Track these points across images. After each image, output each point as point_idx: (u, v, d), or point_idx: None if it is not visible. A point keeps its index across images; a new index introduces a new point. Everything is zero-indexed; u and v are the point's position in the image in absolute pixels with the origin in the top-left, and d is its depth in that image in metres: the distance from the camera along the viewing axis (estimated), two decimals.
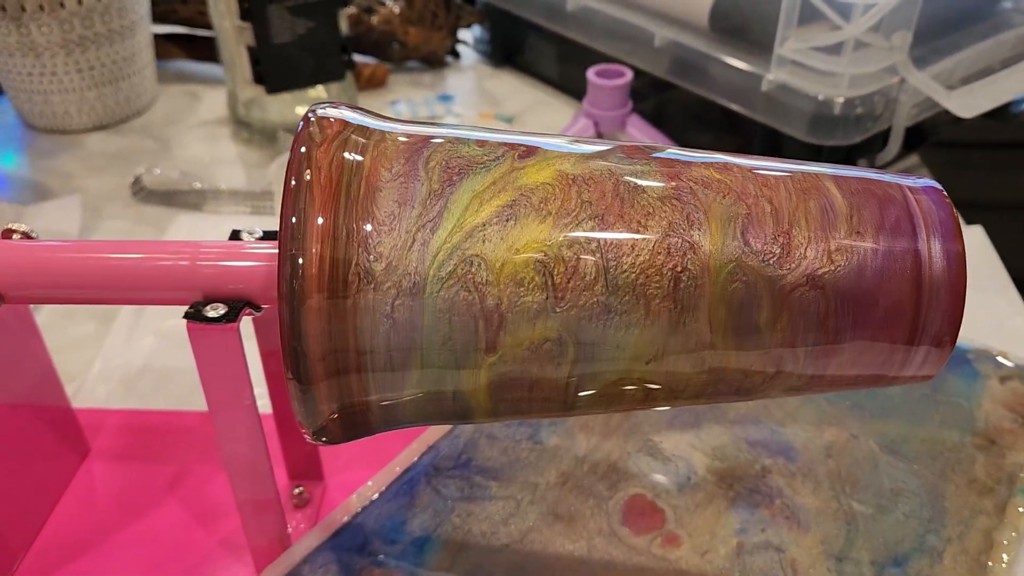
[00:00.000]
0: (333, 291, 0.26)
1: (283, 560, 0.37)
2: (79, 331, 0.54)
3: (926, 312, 0.27)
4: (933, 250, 0.27)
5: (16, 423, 0.40)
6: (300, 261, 0.26)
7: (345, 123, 0.28)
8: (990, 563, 0.38)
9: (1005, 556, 0.38)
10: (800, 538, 0.39)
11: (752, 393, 0.29)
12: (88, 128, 0.75)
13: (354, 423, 0.29)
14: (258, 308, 0.32)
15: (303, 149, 0.27)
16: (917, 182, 0.29)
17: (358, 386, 0.27)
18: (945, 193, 0.28)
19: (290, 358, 0.26)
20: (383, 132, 0.29)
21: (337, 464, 0.44)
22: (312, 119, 0.28)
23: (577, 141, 0.30)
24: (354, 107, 0.30)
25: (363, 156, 0.27)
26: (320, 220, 0.26)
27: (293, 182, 0.26)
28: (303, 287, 0.26)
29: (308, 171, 0.26)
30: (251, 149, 0.73)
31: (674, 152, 0.29)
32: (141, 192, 0.66)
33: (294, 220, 0.26)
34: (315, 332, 0.26)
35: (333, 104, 0.29)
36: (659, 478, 0.42)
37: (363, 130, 0.28)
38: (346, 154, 0.27)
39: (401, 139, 0.28)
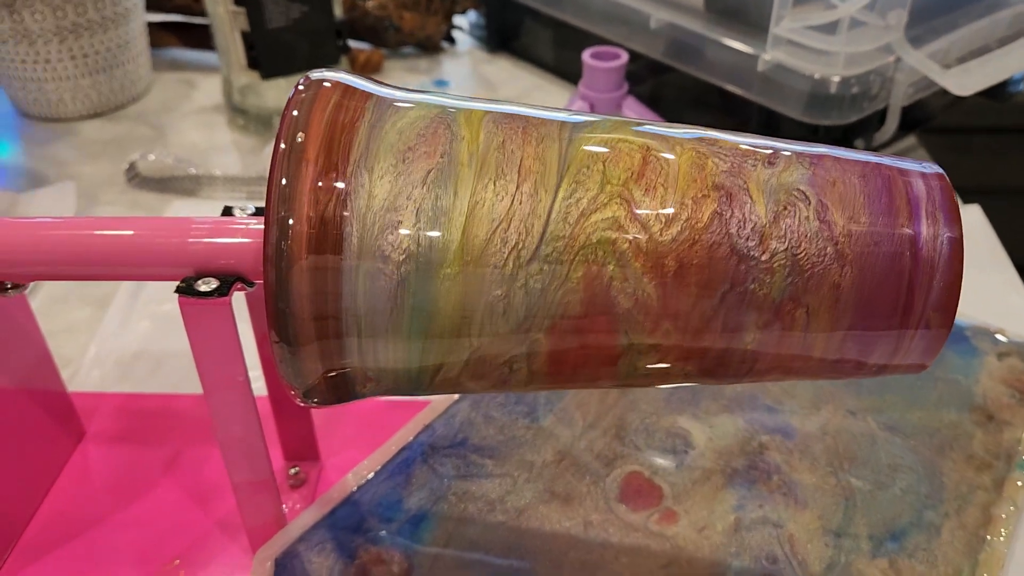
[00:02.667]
0: (323, 252, 0.25)
1: (279, 539, 0.37)
2: (74, 315, 0.54)
3: (921, 299, 0.27)
4: (930, 235, 0.27)
5: (10, 407, 0.39)
6: (290, 222, 0.25)
7: (341, 87, 0.28)
8: (988, 537, 0.38)
9: (1003, 530, 0.38)
10: (798, 514, 0.39)
11: (734, 378, 0.29)
12: (83, 116, 0.75)
13: (344, 385, 0.28)
14: (250, 283, 0.32)
15: (295, 112, 0.27)
16: (918, 166, 0.28)
17: (348, 348, 0.27)
18: (947, 178, 0.28)
19: (278, 321, 0.26)
20: (380, 97, 0.28)
21: (333, 444, 0.44)
22: (304, 84, 0.28)
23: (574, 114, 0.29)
24: (351, 73, 0.29)
25: (358, 120, 0.27)
26: (311, 182, 0.26)
27: (283, 145, 0.26)
28: (291, 248, 0.25)
29: (301, 133, 0.26)
30: (246, 135, 0.72)
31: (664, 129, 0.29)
32: (136, 179, 0.66)
33: (284, 182, 0.26)
34: (303, 293, 0.26)
35: (330, 69, 0.29)
36: (656, 455, 0.42)
37: (359, 94, 0.28)
38: (340, 117, 0.27)
39: (400, 104, 0.28)
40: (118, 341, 0.52)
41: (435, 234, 0.26)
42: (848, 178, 0.27)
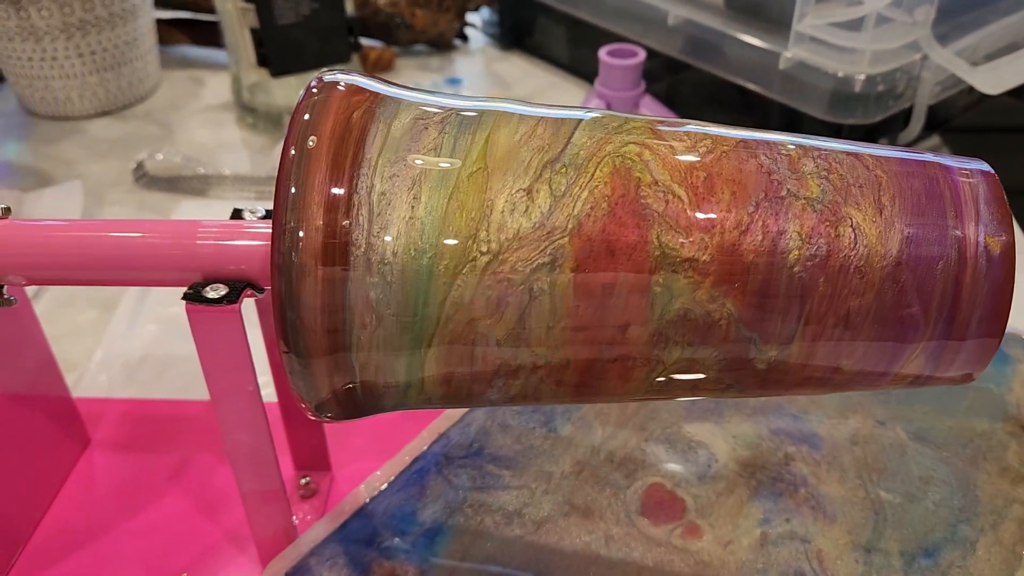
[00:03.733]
0: (334, 263, 0.24)
1: (289, 552, 0.36)
2: (80, 319, 0.53)
3: (968, 306, 0.25)
4: (979, 239, 0.25)
5: (14, 414, 0.38)
6: (300, 233, 0.24)
7: (353, 89, 0.27)
8: None
9: None
10: (826, 528, 0.38)
11: (770, 389, 0.28)
12: (90, 114, 0.73)
13: (357, 400, 0.27)
14: (260, 290, 0.30)
15: (306, 116, 0.26)
16: (965, 164, 0.27)
17: (359, 362, 0.26)
18: (996, 177, 0.26)
19: (287, 331, 0.25)
20: (393, 100, 0.27)
21: (345, 454, 0.43)
22: (317, 86, 0.27)
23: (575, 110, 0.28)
24: (364, 74, 0.28)
25: (371, 124, 0.26)
26: (322, 190, 0.24)
27: (293, 151, 0.25)
28: (302, 259, 0.24)
29: (312, 138, 0.25)
30: (255, 134, 0.71)
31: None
32: (144, 178, 0.65)
33: (293, 190, 0.24)
34: (315, 305, 0.24)
35: (343, 70, 0.28)
36: (678, 467, 0.40)
37: (372, 97, 0.27)
38: (352, 122, 0.26)
39: (412, 107, 0.27)
40: (125, 345, 0.51)
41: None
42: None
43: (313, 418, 0.28)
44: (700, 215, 0.25)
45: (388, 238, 0.24)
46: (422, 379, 0.27)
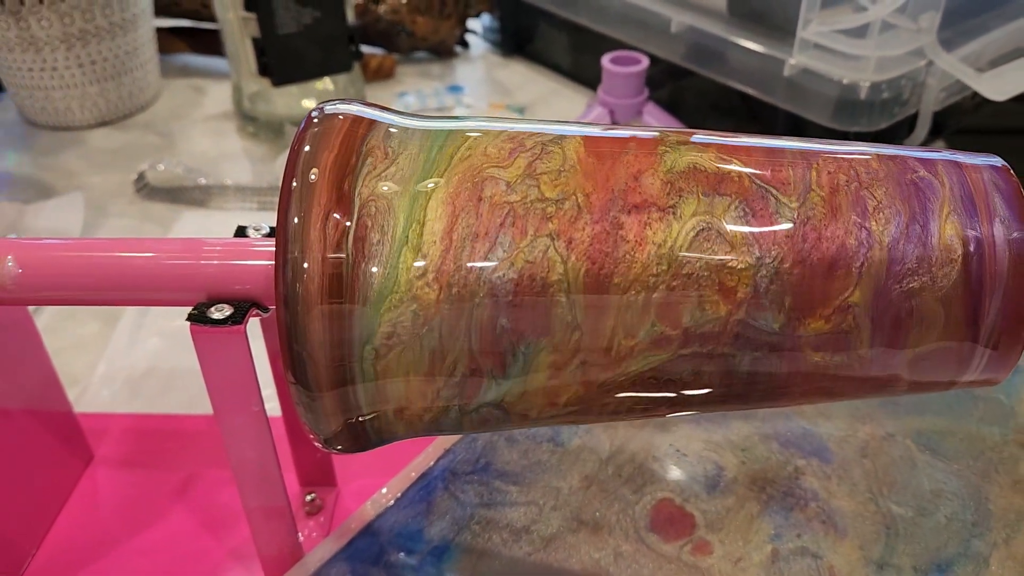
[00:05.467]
0: (339, 298, 0.24)
1: (295, 571, 0.36)
2: (82, 332, 0.52)
3: (988, 306, 0.25)
4: (996, 237, 0.25)
5: (15, 430, 0.38)
6: (304, 265, 0.24)
7: (353, 120, 0.26)
8: None
9: None
10: (837, 544, 0.37)
11: (782, 399, 0.27)
12: (90, 124, 0.73)
13: (367, 432, 0.27)
14: (265, 309, 0.30)
15: (308, 148, 0.25)
16: (977, 159, 0.26)
17: (367, 394, 0.26)
18: (1011, 171, 0.26)
19: (294, 364, 0.25)
20: (394, 128, 0.27)
21: (351, 470, 0.42)
22: (317, 116, 0.26)
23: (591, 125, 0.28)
24: (364, 102, 0.28)
25: (372, 156, 0.25)
26: (324, 222, 0.24)
27: (295, 183, 0.25)
28: (306, 291, 0.24)
29: (314, 171, 0.25)
30: (257, 143, 0.71)
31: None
32: (145, 189, 0.65)
33: (296, 221, 0.24)
34: (322, 340, 0.24)
35: (343, 100, 0.28)
36: (687, 481, 0.40)
37: (373, 126, 0.26)
38: (353, 153, 0.25)
39: (417, 136, 0.26)
40: (128, 358, 0.50)
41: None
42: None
43: (324, 450, 0.28)
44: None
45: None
46: (431, 408, 0.26)
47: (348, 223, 0.24)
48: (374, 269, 0.24)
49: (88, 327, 0.53)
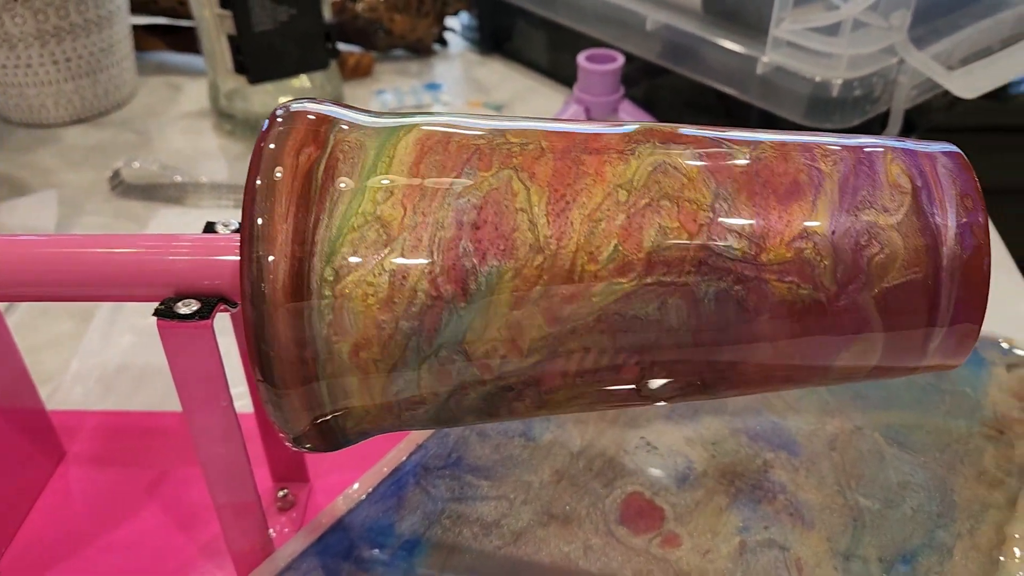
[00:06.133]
0: (303, 295, 0.24)
1: (265, 567, 0.36)
2: (56, 329, 0.52)
3: (947, 292, 0.25)
4: (952, 223, 0.25)
5: None
6: (269, 259, 0.24)
7: (318, 118, 0.27)
8: (1002, 558, 0.37)
9: (1017, 551, 0.37)
10: (805, 536, 0.38)
11: (747, 388, 0.27)
12: (66, 122, 0.73)
13: (335, 431, 0.27)
14: (234, 304, 0.30)
15: (272, 145, 0.25)
16: (932, 147, 0.27)
17: (332, 391, 0.26)
18: (965, 157, 0.26)
19: (261, 362, 0.25)
20: (361, 127, 0.27)
21: (323, 465, 0.43)
22: (281, 115, 0.27)
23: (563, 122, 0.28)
24: (331, 102, 0.28)
25: (338, 154, 0.26)
26: (289, 221, 0.24)
27: (259, 181, 0.25)
28: (271, 290, 0.24)
29: (279, 168, 0.25)
30: (233, 141, 0.71)
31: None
32: (120, 186, 0.64)
33: (260, 221, 0.24)
34: (287, 337, 0.24)
35: (310, 99, 0.28)
36: (657, 475, 0.40)
37: (339, 125, 0.27)
38: (318, 153, 0.26)
39: (383, 134, 0.27)
40: (101, 356, 0.50)
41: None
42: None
43: (294, 448, 0.28)
44: None
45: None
46: (395, 403, 0.26)
47: (312, 222, 0.25)
48: (334, 266, 0.25)
49: (62, 325, 0.53)
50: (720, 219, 0.25)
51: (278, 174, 0.25)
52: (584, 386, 0.27)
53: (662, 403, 0.29)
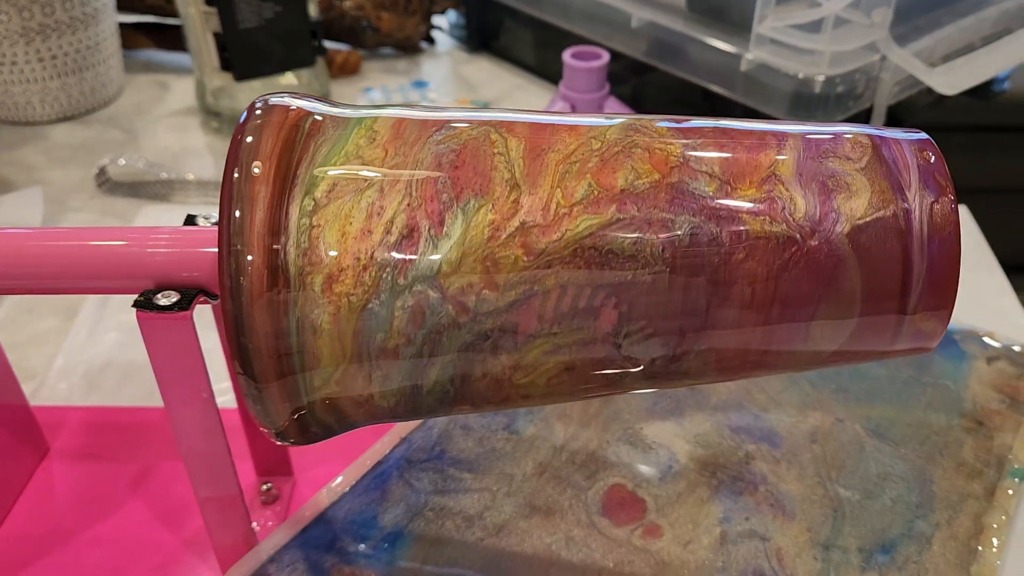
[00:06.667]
0: (281, 288, 0.24)
1: (248, 559, 0.36)
2: (41, 326, 0.52)
3: (918, 276, 0.25)
4: (913, 166, 0.26)
5: None
6: (248, 257, 0.24)
7: (298, 112, 0.27)
8: (980, 548, 0.37)
9: (995, 540, 0.37)
10: (785, 526, 0.38)
11: (726, 373, 0.28)
12: (52, 119, 0.73)
13: (316, 423, 0.27)
14: (213, 296, 0.30)
15: (249, 139, 0.26)
16: (901, 133, 0.27)
17: (311, 384, 0.26)
18: (934, 143, 0.27)
19: (240, 355, 0.25)
20: (340, 120, 0.27)
21: (307, 459, 0.43)
22: (258, 107, 0.27)
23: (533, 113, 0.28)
24: (307, 96, 0.28)
25: (315, 147, 0.26)
26: (267, 214, 0.25)
27: (236, 174, 0.25)
28: (250, 284, 0.24)
29: (257, 163, 0.25)
30: (220, 139, 0.71)
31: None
32: (106, 183, 0.64)
33: (238, 214, 0.24)
34: (266, 330, 0.25)
35: (288, 93, 0.28)
36: (639, 467, 0.40)
37: (317, 119, 0.27)
38: (295, 146, 0.26)
39: (362, 128, 0.27)
40: (86, 352, 0.50)
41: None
42: (805, 127, 0.27)
43: (278, 443, 0.28)
44: None
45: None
46: (372, 395, 0.27)
47: (289, 215, 0.25)
48: (312, 259, 0.25)
49: (47, 321, 0.53)
50: (691, 165, 0.26)
51: (256, 169, 0.25)
52: (563, 335, 0.26)
53: (645, 386, 0.28)
